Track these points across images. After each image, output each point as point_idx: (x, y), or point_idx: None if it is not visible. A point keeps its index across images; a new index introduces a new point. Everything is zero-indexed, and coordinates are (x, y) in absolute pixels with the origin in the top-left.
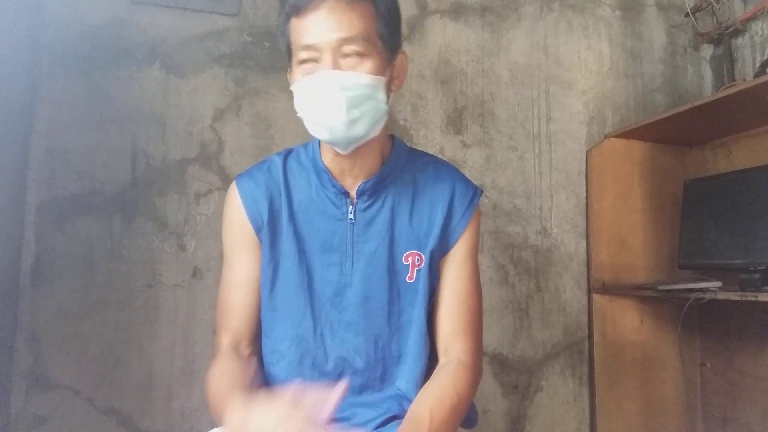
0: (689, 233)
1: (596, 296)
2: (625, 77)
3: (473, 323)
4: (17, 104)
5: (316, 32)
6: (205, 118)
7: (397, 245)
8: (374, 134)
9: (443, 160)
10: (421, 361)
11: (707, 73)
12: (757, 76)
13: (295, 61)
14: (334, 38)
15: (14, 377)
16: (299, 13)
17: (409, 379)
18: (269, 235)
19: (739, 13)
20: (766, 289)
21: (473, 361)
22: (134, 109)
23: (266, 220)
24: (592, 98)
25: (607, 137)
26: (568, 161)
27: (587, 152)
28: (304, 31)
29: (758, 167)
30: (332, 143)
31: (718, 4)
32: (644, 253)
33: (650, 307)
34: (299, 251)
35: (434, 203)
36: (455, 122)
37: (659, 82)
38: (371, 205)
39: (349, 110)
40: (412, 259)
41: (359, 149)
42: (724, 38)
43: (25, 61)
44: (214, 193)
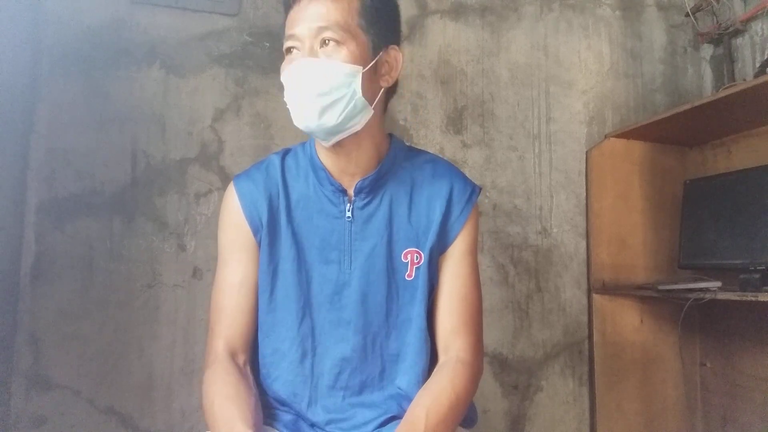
0: (689, 233)
1: (596, 296)
2: (625, 77)
3: (473, 321)
4: (17, 104)
5: (297, 22)
6: (205, 118)
7: (395, 243)
8: (356, 127)
9: (441, 158)
10: (421, 359)
11: (707, 73)
12: (757, 76)
13: (285, 52)
14: (313, 27)
15: (14, 377)
16: (289, 7)
17: (410, 377)
18: (268, 236)
19: (739, 13)
20: (766, 289)
21: (473, 358)
22: (134, 109)
23: (265, 221)
24: (592, 98)
25: (607, 137)
26: (568, 161)
27: (587, 152)
28: (289, 22)
29: (758, 167)
30: (310, 132)
31: (718, 4)
32: (644, 253)
33: (650, 307)
34: (298, 250)
35: (432, 200)
36: (455, 122)
37: (659, 82)
38: (369, 202)
39: (320, 96)
40: (410, 256)
41: (346, 143)
42: (724, 38)
43: (25, 61)
44: (214, 193)
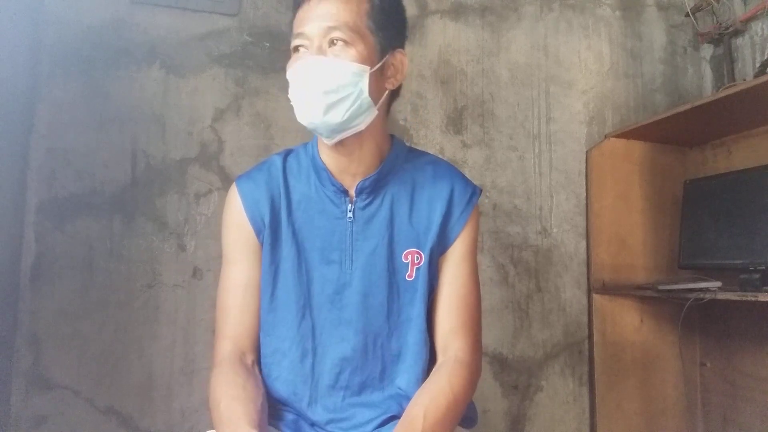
0: (689, 233)
1: (596, 296)
2: (625, 77)
3: (472, 321)
4: (17, 104)
5: (306, 21)
6: (205, 118)
7: (396, 243)
8: (359, 126)
9: (442, 159)
10: (421, 359)
11: (707, 73)
12: (757, 76)
13: (291, 49)
14: (321, 26)
15: (14, 377)
16: (298, 6)
17: (410, 377)
18: (270, 236)
19: (739, 13)
20: (766, 289)
21: (471, 359)
22: (134, 109)
23: (268, 221)
24: (592, 98)
25: (607, 137)
26: (568, 161)
27: (587, 152)
28: (298, 21)
29: (758, 167)
30: (314, 129)
31: (718, 4)
32: (644, 253)
33: (650, 307)
34: (298, 250)
35: (433, 201)
36: (455, 122)
37: (659, 82)
38: (370, 203)
39: (326, 94)
40: (411, 257)
41: (349, 143)
42: (724, 38)
43: (25, 61)
44: (214, 193)
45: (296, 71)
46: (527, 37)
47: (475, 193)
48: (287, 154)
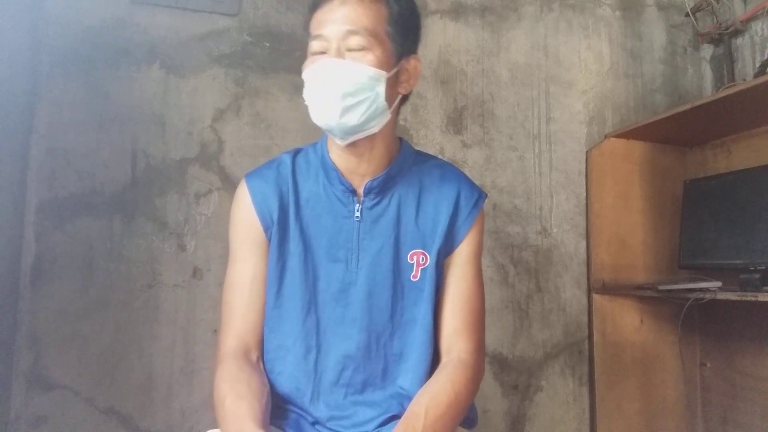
0: (689, 233)
1: (596, 296)
2: (625, 77)
3: (475, 323)
4: (17, 104)
5: (326, 23)
6: (205, 118)
7: (402, 244)
8: (373, 129)
9: (450, 163)
10: (425, 360)
11: (707, 73)
12: (757, 76)
13: (308, 50)
14: (341, 30)
15: (14, 377)
16: (317, 7)
17: (413, 377)
18: (278, 233)
19: (739, 13)
20: (766, 289)
21: (474, 360)
22: (134, 109)
23: (276, 218)
24: (592, 98)
25: (607, 137)
26: (568, 161)
27: (587, 152)
28: (317, 22)
29: (758, 167)
30: (328, 130)
31: (718, 4)
32: (644, 253)
33: (650, 307)
34: (305, 248)
35: (440, 204)
36: (455, 122)
37: (659, 82)
38: (378, 203)
39: (344, 97)
40: (417, 258)
41: (360, 144)
42: (724, 38)
43: (25, 61)
44: (214, 193)
45: (314, 72)
46: (527, 37)
47: (481, 197)
48: (296, 153)
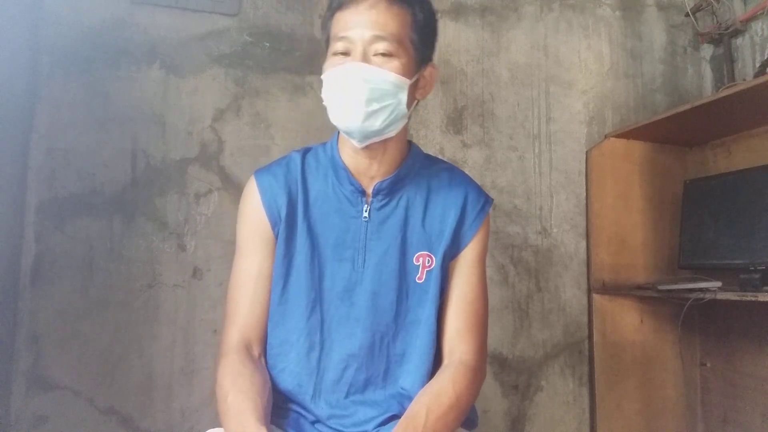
0: (689, 233)
1: (596, 296)
2: (625, 77)
3: (478, 326)
4: (17, 104)
5: (352, 25)
6: (205, 118)
7: (408, 245)
8: (390, 133)
9: (457, 167)
10: (428, 361)
11: (707, 73)
12: (757, 76)
13: (330, 51)
14: (367, 34)
15: (14, 377)
16: (342, 7)
17: (414, 378)
18: (286, 230)
19: (739, 13)
20: (766, 289)
21: (476, 362)
22: (134, 109)
23: (284, 215)
24: (592, 98)
25: (607, 137)
26: (568, 161)
27: (587, 152)
28: (342, 23)
29: (758, 167)
30: (348, 133)
31: (718, 4)
32: (644, 253)
33: (650, 307)
34: (312, 246)
35: (447, 207)
36: (455, 122)
37: (659, 82)
38: (386, 204)
39: (369, 102)
40: (422, 260)
41: (375, 147)
42: (724, 38)
43: (25, 61)
44: (214, 193)
45: (338, 75)
46: (527, 37)
47: (487, 202)
48: (306, 151)
